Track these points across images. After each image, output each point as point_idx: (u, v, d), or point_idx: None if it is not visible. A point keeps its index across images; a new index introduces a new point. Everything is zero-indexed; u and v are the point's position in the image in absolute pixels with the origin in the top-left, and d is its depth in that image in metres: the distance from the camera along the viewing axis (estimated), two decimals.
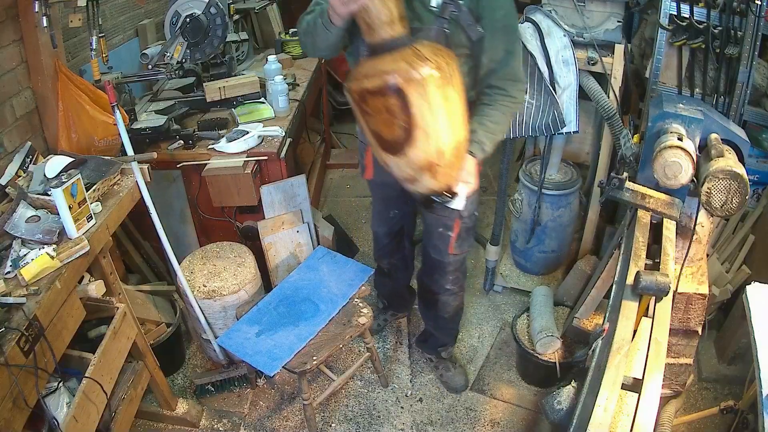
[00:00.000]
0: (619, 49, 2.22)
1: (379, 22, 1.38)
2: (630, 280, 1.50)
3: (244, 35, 3.34)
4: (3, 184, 1.78)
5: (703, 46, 1.99)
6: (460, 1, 1.53)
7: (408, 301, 2.70)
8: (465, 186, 1.58)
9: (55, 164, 1.73)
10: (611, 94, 2.26)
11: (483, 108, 1.67)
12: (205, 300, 2.20)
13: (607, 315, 1.66)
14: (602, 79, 2.31)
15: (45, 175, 1.71)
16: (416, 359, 2.52)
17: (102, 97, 2.09)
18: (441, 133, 1.40)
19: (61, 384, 1.56)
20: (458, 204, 1.58)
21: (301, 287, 2.21)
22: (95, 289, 1.63)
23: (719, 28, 1.93)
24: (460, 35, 1.57)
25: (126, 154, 1.89)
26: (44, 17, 1.92)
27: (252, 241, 2.47)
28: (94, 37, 2.18)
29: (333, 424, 2.25)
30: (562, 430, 1.56)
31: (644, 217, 1.76)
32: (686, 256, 1.75)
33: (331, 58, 1.87)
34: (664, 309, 1.44)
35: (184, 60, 2.54)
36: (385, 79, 1.33)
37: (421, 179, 1.49)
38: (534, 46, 2.19)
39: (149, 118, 2.44)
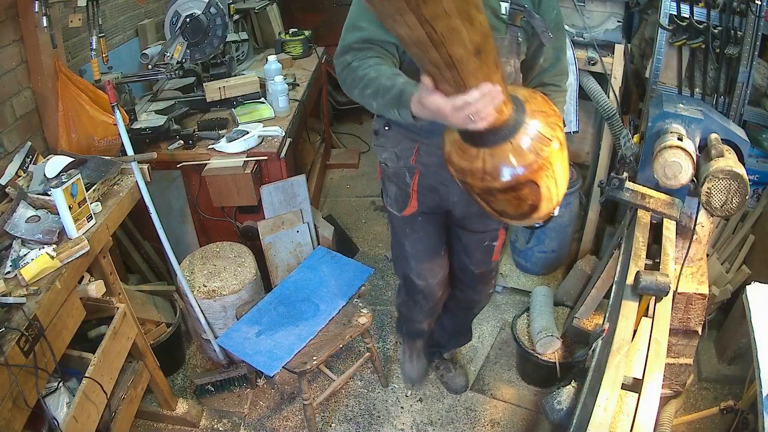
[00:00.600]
0: (619, 49, 2.22)
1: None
2: (630, 280, 1.50)
3: (244, 35, 3.34)
4: (3, 184, 1.78)
5: (703, 46, 1.99)
6: (527, 6, 1.43)
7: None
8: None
9: (55, 164, 1.73)
10: (611, 94, 2.26)
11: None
12: (205, 300, 2.20)
13: (607, 315, 1.66)
14: (602, 79, 2.31)
15: (45, 175, 1.71)
16: None
17: (102, 97, 2.09)
18: (561, 192, 1.26)
19: (61, 384, 1.56)
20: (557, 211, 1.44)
21: (301, 287, 2.21)
22: (95, 289, 1.62)
23: (719, 28, 1.93)
24: (532, 42, 1.48)
25: (126, 154, 1.89)
26: (44, 17, 1.92)
27: (252, 241, 2.47)
28: (94, 37, 2.18)
29: (333, 424, 2.25)
30: (562, 430, 1.56)
31: (644, 217, 1.76)
32: (686, 256, 1.75)
33: None
34: (664, 309, 1.44)
35: (184, 60, 2.54)
36: (517, 177, 1.12)
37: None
38: None
39: (149, 118, 2.44)
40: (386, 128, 1.68)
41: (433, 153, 1.61)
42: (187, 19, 2.50)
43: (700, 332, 1.81)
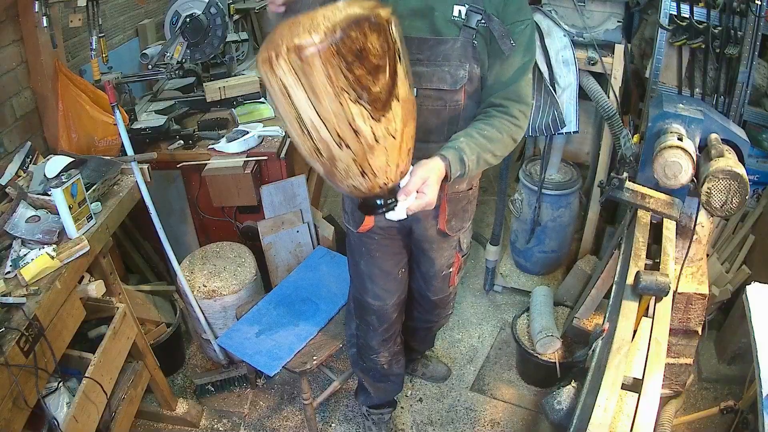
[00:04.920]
0: (619, 49, 2.22)
1: None
2: (630, 280, 1.50)
3: (244, 35, 3.34)
4: (3, 184, 1.78)
5: (703, 46, 1.99)
6: (487, 10, 1.34)
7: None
8: (408, 196, 1.21)
9: (55, 164, 1.73)
10: (611, 94, 2.26)
11: (474, 122, 1.39)
12: (205, 300, 2.20)
13: (607, 315, 1.66)
14: (602, 79, 2.31)
15: (45, 175, 1.71)
16: None
17: (102, 97, 2.09)
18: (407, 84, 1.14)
19: (61, 384, 1.56)
20: (396, 214, 1.23)
21: (301, 287, 2.21)
22: (95, 289, 1.62)
23: (719, 28, 1.93)
24: (491, 48, 1.37)
25: (126, 154, 1.89)
26: (44, 17, 1.92)
27: (252, 241, 2.47)
28: (94, 37, 2.18)
29: (333, 424, 2.25)
30: (562, 430, 1.56)
31: (644, 217, 1.76)
32: (686, 256, 1.75)
33: None
34: (664, 309, 1.44)
35: (184, 60, 2.54)
36: (357, 13, 1.02)
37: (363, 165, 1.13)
38: None
39: (149, 118, 2.45)
40: None
41: None
42: (187, 19, 2.50)
43: (700, 332, 1.81)
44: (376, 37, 1.03)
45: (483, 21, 1.35)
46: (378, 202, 1.20)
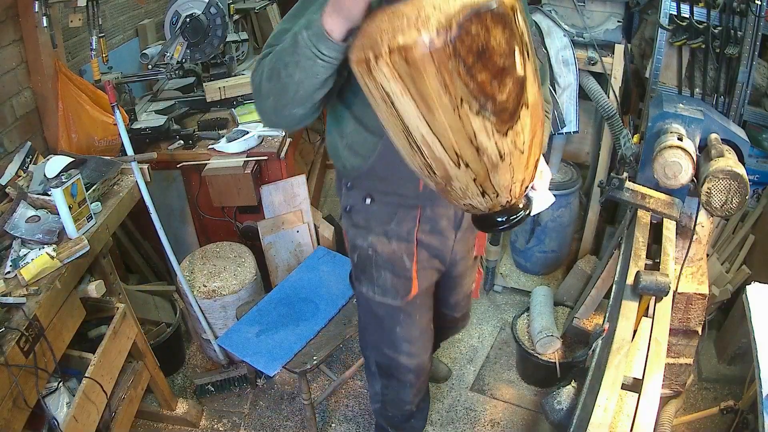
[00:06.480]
0: (619, 49, 2.22)
1: None
2: (630, 280, 1.50)
3: (244, 35, 3.34)
4: (3, 184, 1.78)
5: (703, 46, 1.99)
6: None
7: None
8: (541, 179, 1.13)
9: (55, 164, 1.73)
10: (611, 94, 2.26)
11: None
12: (205, 300, 2.20)
13: (607, 315, 1.66)
14: (602, 79, 2.31)
15: (45, 175, 1.71)
16: None
17: (102, 97, 2.09)
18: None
19: (61, 384, 1.56)
20: (544, 202, 1.16)
21: (301, 287, 2.21)
22: (95, 289, 1.63)
23: (719, 28, 1.93)
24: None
25: (126, 154, 1.89)
26: (44, 17, 1.92)
27: (252, 241, 2.47)
28: (94, 37, 2.18)
29: (333, 424, 2.25)
30: (562, 430, 1.56)
31: (644, 217, 1.76)
32: (686, 256, 1.75)
33: (304, 124, 1.14)
34: (664, 309, 1.44)
35: (184, 60, 2.54)
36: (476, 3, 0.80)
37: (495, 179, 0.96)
38: None
39: (149, 118, 2.45)
40: (367, 201, 1.33)
41: (439, 216, 1.36)
42: (187, 19, 2.49)
43: (700, 332, 1.81)
44: (500, 31, 0.82)
45: None
46: (498, 219, 1.03)
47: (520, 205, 1.03)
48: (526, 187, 1.01)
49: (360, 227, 1.39)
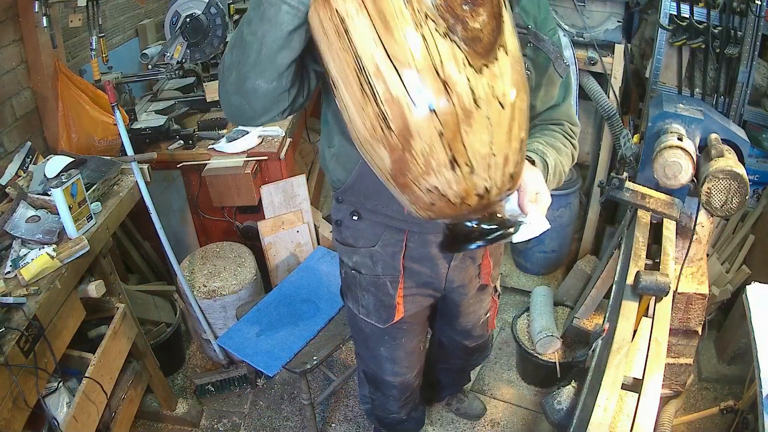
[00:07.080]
0: (619, 49, 2.22)
1: None
2: (630, 280, 1.50)
3: None
4: (3, 184, 1.78)
5: (703, 46, 1.99)
6: (531, 27, 1.10)
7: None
8: (536, 202, 0.94)
9: (55, 164, 1.73)
10: (611, 94, 2.26)
11: (536, 134, 1.18)
12: (205, 300, 2.20)
13: (607, 315, 1.66)
14: (602, 79, 2.32)
15: (45, 175, 1.71)
16: None
17: (102, 97, 2.09)
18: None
19: (61, 384, 1.56)
20: (535, 229, 0.92)
21: (301, 287, 2.21)
22: (95, 289, 1.63)
23: (719, 28, 1.93)
24: (537, 70, 1.13)
25: (126, 154, 1.89)
26: (44, 17, 1.92)
27: (252, 241, 2.47)
28: (94, 37, 2.18)
29: (333, 424, 2.25)
30: (562, 430, 1.56)
31: (644, 217, 1.76)
32: (686, 256, 1.75)
33: (268, 114, 0.99)
34: (664, 309, 1.44)
35: (184, 60, 2.53)
36: None
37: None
38: None
39: (149, 118, 2.44)
40: (354, 217, 1.29)
41: (429, 243, 1.29)
42: (187, 19, 2.49)
43: (700, 332, 1.81)
44: None
45: (531, 42, 1.11)
46: (467, 225, 0.81)
47: (500, 215, 0.83)
48: (512, 178, 0.81)
49: (347, 245, 1.36)
